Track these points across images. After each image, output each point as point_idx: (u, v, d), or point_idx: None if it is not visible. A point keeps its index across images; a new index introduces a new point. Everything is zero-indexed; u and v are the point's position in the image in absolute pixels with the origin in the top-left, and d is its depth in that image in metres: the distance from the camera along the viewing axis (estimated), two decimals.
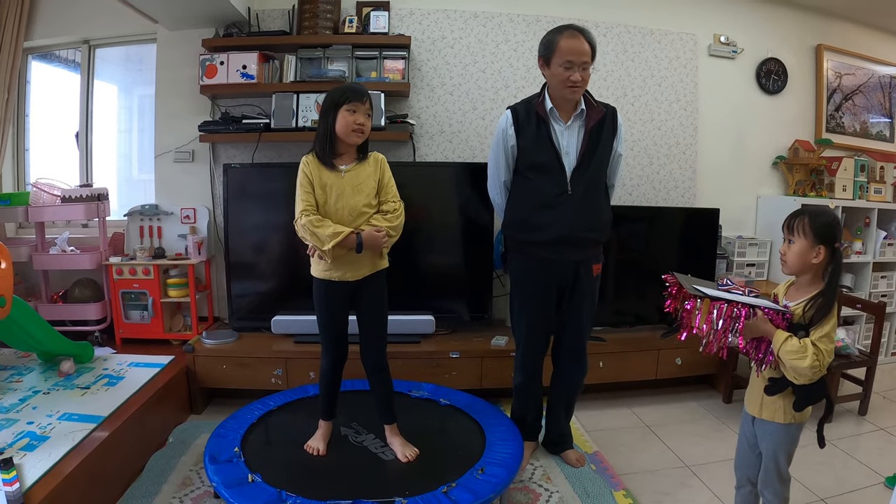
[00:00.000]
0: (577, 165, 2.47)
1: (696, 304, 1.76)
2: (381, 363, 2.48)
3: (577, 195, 2.47)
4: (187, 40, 3.68)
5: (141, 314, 3.55)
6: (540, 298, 2.60)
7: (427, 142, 3.90)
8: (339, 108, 2.23)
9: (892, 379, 4.07)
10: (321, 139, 2.29)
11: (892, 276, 4.34)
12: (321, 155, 2.29)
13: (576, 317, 2.63)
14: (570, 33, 2.39)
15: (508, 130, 2.53)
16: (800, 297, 1.85)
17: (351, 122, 2.23)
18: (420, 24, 3.83)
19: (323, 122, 2.28)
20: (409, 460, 2.40)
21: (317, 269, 2.37)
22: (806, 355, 1.70)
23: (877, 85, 4.74)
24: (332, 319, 2.42)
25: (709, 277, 3.74)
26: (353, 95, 2.24)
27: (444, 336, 3.51)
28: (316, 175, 2.27)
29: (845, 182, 4.24)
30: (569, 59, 2.36)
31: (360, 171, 2.33)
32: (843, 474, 2.77)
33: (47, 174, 3.74)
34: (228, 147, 3.79)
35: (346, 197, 2.28)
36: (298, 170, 2.29)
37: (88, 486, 2.16)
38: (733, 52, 4.21)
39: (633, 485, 2.63)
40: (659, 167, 4.16)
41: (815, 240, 1.80)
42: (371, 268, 2.38)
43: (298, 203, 2.26)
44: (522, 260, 2.63)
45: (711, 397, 3.66)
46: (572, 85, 2.39)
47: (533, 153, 2.50)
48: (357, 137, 2.28)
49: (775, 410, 1.87)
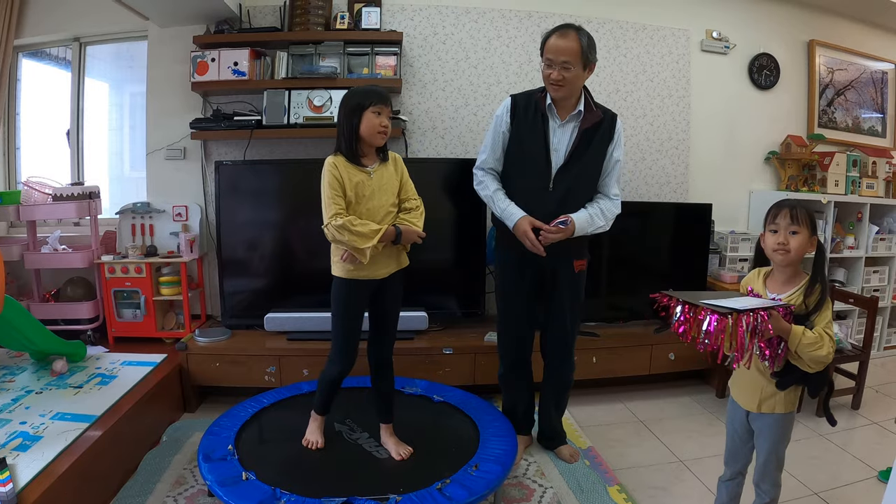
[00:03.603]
0: (563, 164, 2.49)
1: (728, 324, 1.63)
2: (390, 357, 2.52)
3: (559, 193, 2.48)
4: (178, 37, 3.66)
5: (133, 312, 3.54)
6: (516, 289, 2.63)
7: (419, 138, 3.90)
8: (364, 110, 2.23)
9: (885, 373, 4.10)
10: (347, 140, 2.26)
11: (885, 271, 4.36)
12: (350, 156, 2.27)
13: (558, 314, 2.65)
14: (560, 32, 2.39)
15: (504, 117, 2.56)
16: (788, 288, 1.86)
17: (377, 123, 2.24)
18: (412, 20, 3.82)
19: (347, 123, 2.25)
20: (403, 459, 2.41)
21: (342, 269, 2.32)
22: (823, 344, 1.72)
23: (869, 80, 4.75)
24: (356, 321, 2.39)
25: (702, 272, 3.77)
26: (379, 98, 2.25)
27: (437, 332, 3.52)
28: (346, 176, 2.24)
29: (837, 177, 4.26)
30: (549, 56, 2.40)
31: (385, 171, 2.34)
32: (836, 469, 2.78)
33: (38, 172, 3.72)
34: (220, 144, 3.78)
35: (377, 197, 2.29)
36: (324, 172, 2.24)
37: (82, 485, 2.16)
38: (725, 48, 4.21)
39: (627, 479, 2.64)
40: (651, 162, 4.17)
41: (811, 231, 1.83)
42: (396, 265, 2.41)
43: (329, 206, 2.21)
44: (504, 251, 2.66)
45: (704, 392, 3.67)
46: (552, 83, 2.41)
47: (523, 144, 2.52)
48: (381, 139, 2.29)
49: (776, 403, 1.89)
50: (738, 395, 2.01)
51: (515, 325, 2.71)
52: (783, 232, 1.84)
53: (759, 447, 1.97)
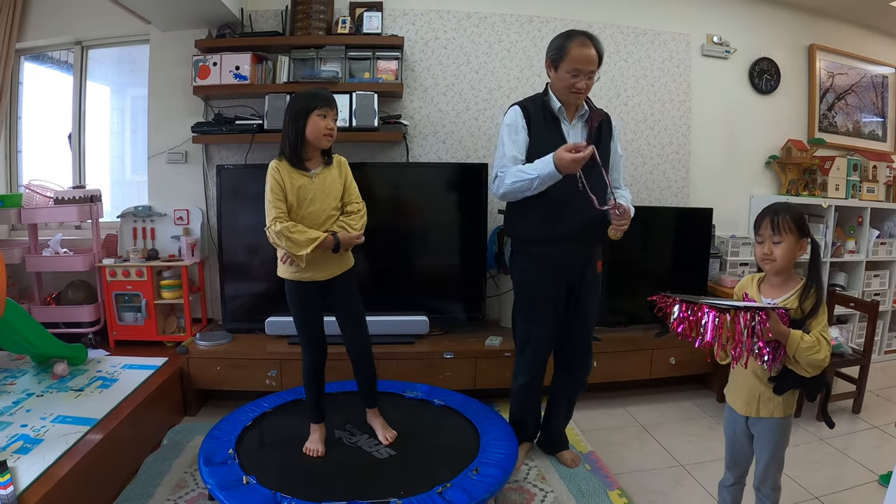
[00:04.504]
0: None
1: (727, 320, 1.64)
2: (365, 350, 2.55)
3: (588, 190, 2.45)
4: (180, 41, 3.67)
5: (134, 316, 3.54)
6: (551, 298, 2.57)
7: (420, 142, 3.90)
8: (310, 114, 2.26)
9: (886, 377, 4.09)
10: (292, 144, 2.29)
11: (885, 275, 4.37)
12: (294, 160, 2.30)
13: (583, 315, 2.63)
14: (582, 41, 2.37)
15: (520, 121, 2.49)
16: (783, 293, 1.87)
17: (322, 126, 2.27)
18: (413, 24, 3.83)
19: (293, 126, 2.28)
20: (389, 442, 2.51)
21: (286, 272, 2.39)
22: (820, 348, 1.72)
23: (869, 84, 4.76)
24: (310, 316, 2.46)
25: (702, 277, 3.77)
26: (324, 102, 2.27)
27: (438, 336, 3.52)
28: (287, 180, 2.28)
29: (838, 181, 4.26)
30: (577, 67, 2.37)
31: (328, 175, 2.36)
32: (836, 472, 2.78)
33: (40, 176, 3.73)
34: (222, 148, 3.79)
35: (318, 201, 2.32)
36: (267, 175, 2.29)
37: (82, 488, 2.16)
38: (726, 52, 4.22)
39: (628, 484, 2.64)
40: (652, 167, 4.17)
41: (799, 234, 1.83)
42: (340, 267, 2.44)
43: (270, 210, 2.27)
44: (531, 260, 2.59)
45: (705, 396, 3.67)
46: (576, 91, 2.41)
47: (545, 148, 2.42)
48: (327, 142, 2.31)
49: (774, 407, 1.89)
50: (735, 400, 2.00)
51: (548, 335, 2.63)
52: (767, 242, 1.85)
53: (759, 451, 1.97)
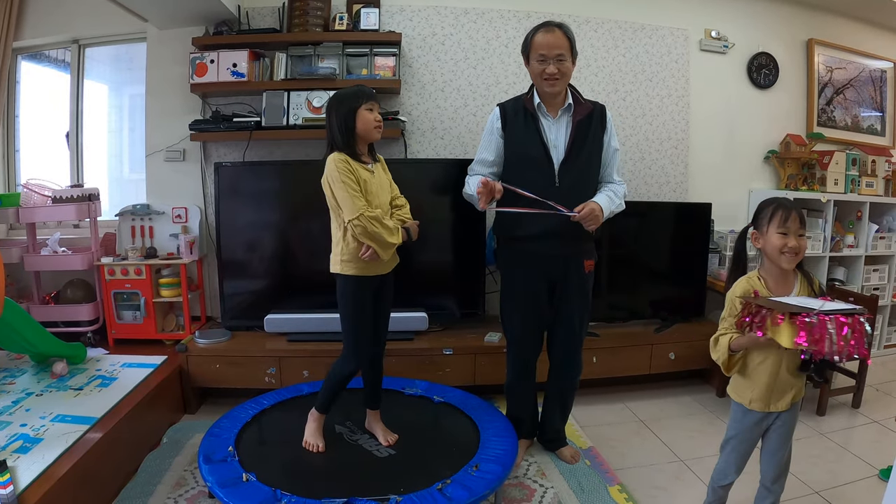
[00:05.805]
0: (564, 158, 2.49)
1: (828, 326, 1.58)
2: (384, 346, 2.58)
3: (565, 188, 2.47)
4: (177, 39, 3.66)
5: (133, 314, 3.54)
6: (530, 294, 2.60)
7: (418, 138, 3.90)
8: (357, 110, 2.27)
9: (886, 371, 4.09)
10: (346, 139, 2.26)
11: (884, 269, 4.36)
12: (353, 153, 2.27)
13: (567, 315, 2.63)
14: (545, 28, 2.44)
15: (495, 123, 2.58)
16: (786, 289, 1.87)
17: (371, 119, 2.29)
18: (411, 20, 3.82)
19: (342, 124, 2.26)
20: (390, 444, 2.50)
21: (354, 267, 2.31)
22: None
23: (868, 79, 4.75)
24: (367, 317, 2.39)
25: (701, 272, 3.77)
26: (368, 97, 2.30)
27: (437, 333, 3.52)
28: (357, 172, 2.25)
29: (837, 176, 4.25)
30: (541, 52, 2.43)
31: (379, 170, 2.39)
32: (837, 467, 2.78)
33: (38, 175, 3.71)
34: (219, 146, 3.78)
35: (381, 195, 2.33)
36: (333, 169, 2.21)
37: (82, 487, 2.16)
38: (724, 47, 4.21)
39: (628, 479, 2.64)
40: (651, 162, 4.17)
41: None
42: (395, 261, 2.46)
43: (353, 202, 2.19)
44: (511, 255, 2.64)
45: (705, 391, 3.67)
46: (548, 77, 2.43)
47: (521, 146, 2.52)
48: (378, 133, 2.33)
49: (797, 391, 1.92)
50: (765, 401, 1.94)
51: (529, 332, 2.67)
52: (793, 235, 1.84)
53: (778, 444, 1.97)
